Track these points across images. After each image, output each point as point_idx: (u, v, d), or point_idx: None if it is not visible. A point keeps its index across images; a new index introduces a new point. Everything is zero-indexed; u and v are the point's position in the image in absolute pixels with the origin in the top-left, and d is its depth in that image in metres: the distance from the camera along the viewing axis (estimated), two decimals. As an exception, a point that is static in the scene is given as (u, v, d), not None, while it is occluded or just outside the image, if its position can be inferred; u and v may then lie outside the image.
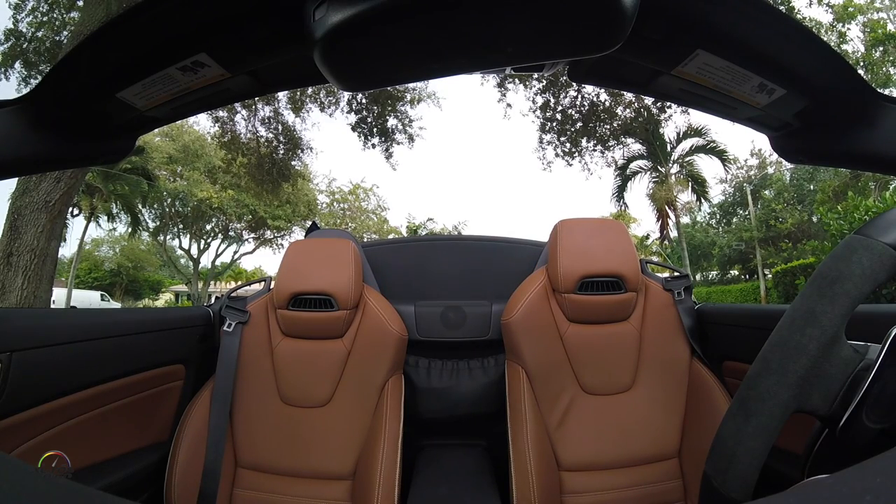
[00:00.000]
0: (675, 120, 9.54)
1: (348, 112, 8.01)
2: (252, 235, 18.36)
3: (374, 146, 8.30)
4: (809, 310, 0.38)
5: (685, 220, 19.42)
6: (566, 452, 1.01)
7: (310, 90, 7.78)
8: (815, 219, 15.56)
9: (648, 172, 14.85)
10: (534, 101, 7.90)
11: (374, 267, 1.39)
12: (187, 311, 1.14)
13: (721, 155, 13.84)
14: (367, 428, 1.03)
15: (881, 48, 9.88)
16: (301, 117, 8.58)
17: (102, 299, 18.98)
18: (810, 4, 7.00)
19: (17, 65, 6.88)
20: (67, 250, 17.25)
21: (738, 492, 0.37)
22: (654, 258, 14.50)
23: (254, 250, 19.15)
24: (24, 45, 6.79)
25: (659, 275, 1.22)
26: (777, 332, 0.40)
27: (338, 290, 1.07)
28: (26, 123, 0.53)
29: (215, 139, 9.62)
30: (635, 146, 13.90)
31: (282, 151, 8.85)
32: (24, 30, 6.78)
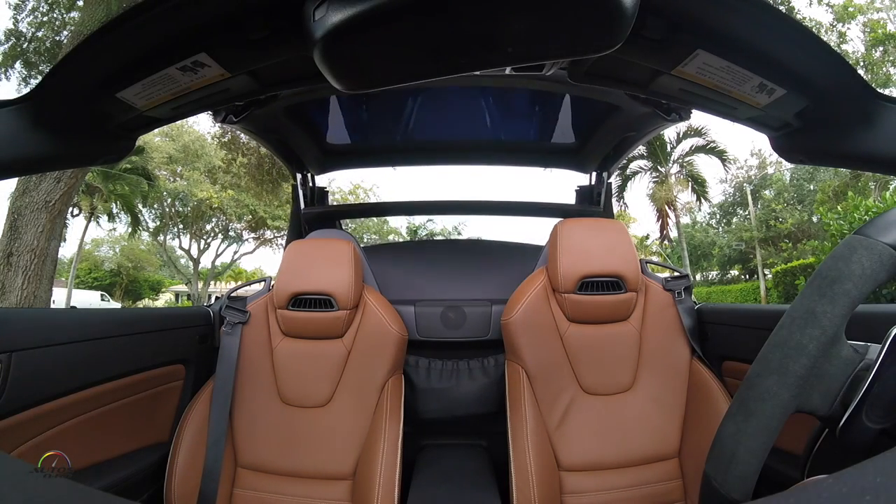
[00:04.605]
0: (676, 120, 9.51)
1: (348, 112, 7.98)
2: (252, 235, 18.35)
3: (374, 146, 8.27)
4: (809, 310, 0.38)
5: (685, 220, 19.45)
6: (566, 452, 1.01)
7: (310, 90, 7.76)
8: (815, 219, 15.57)
9: (648, 172, 14.87)
10: (534, 101, 7.88)
11: (374, 267, 1.39)
12: (187, 311, 1.14)
13: (721, 155, 13.85)
14: (366, 428, 1.03)
15: (881, 48, 9.89)
16: (301, 117, 8.56)
17: (102, 299, 18.97)
18: (810, 4, 7.02)
19: (17, 65, 6.89)
20: (67, 250, 17.30)
21: (738, 492, 0.37)
22: (654, 258, 14.51)
23: (254, 250, 19.16)
24: (24, 45, 6.80)
25: (659, 275, 1.22)
26: (777, 332, 0.40)
27: (338, 291, 1.07)
28: (26, 123, 0.53)
29: (215, 139, 9.61)
30: (635, 146, 13.88)
31: (282, 151, 8.82)
32: (24, 30, 6.79)
